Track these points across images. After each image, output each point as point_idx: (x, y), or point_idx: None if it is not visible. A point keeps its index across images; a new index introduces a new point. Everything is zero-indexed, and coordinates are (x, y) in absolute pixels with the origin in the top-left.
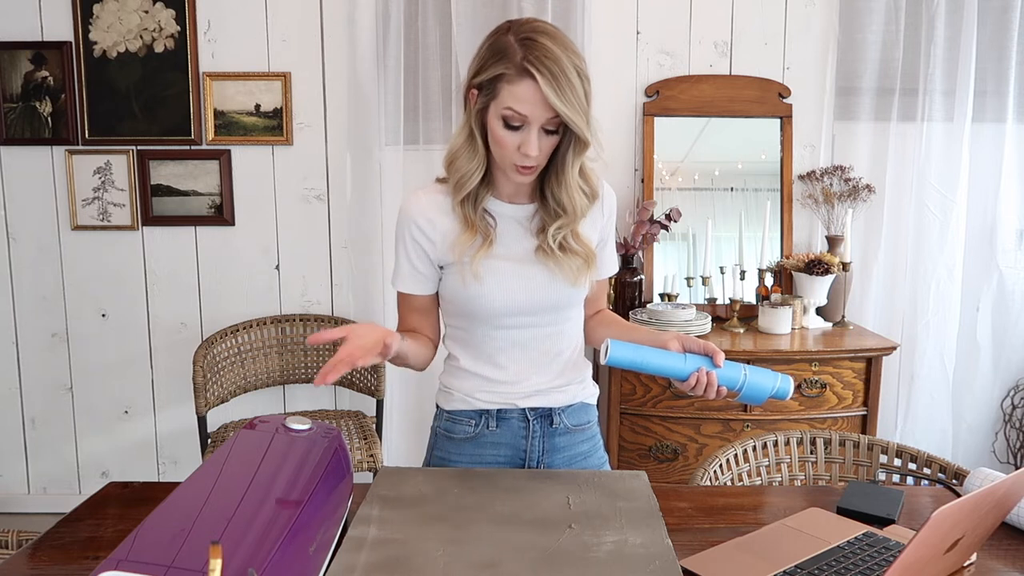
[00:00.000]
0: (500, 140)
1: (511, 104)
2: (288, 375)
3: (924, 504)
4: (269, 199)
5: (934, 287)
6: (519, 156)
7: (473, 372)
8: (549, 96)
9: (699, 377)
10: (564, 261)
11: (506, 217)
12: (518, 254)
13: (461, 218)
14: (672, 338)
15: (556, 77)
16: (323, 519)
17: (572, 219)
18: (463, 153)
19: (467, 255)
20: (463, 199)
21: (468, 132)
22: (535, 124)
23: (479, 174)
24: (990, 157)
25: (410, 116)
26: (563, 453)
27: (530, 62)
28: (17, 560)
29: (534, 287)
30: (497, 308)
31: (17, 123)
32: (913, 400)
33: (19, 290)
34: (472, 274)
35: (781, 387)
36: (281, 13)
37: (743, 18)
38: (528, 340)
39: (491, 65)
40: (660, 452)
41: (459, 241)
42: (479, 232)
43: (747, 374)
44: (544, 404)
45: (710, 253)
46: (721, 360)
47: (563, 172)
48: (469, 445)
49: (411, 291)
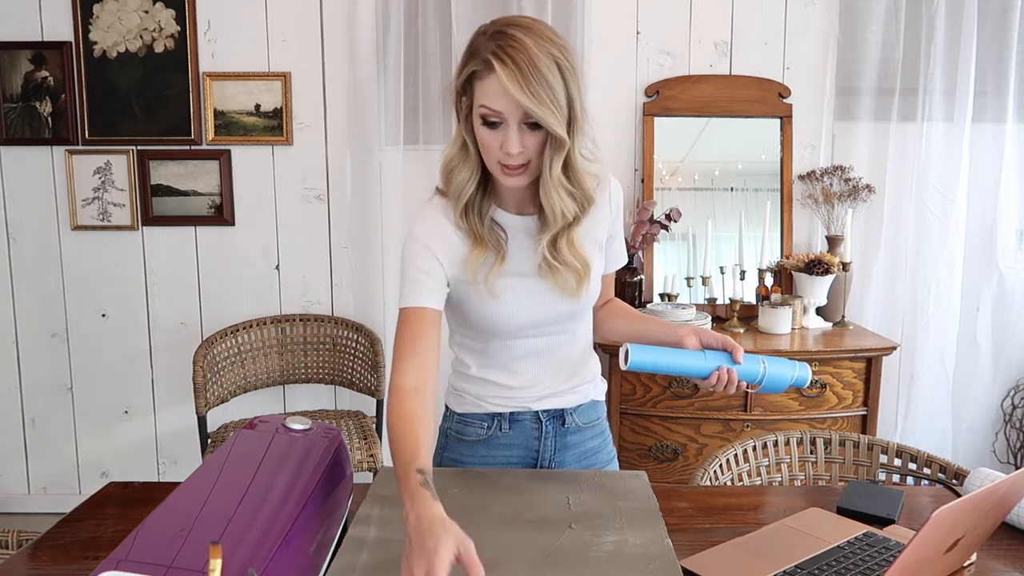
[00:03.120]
0: (482, 141)
1: (483, 101)
2: (288, 375)
3: (924, 504)
4: (269, 199)
5: (934, 287)
6: (503, 155)
7: (486, 379)
8: (509, 87)
9: (720, 376)
10: (559, 276)
11: (515, 229)
12: (532, 268)
13: (468, 232)
14: (689, 333)
15: (520, 67)
16: (323, 519)
17: (555, 225)
18: (457, 162)
19: (481, 273)
20: (466, 211)
21: (461, 141)
22: (512, 119)
23: (474, 182)
24: (990, 157)
25: (410, 116)
26: (574, 451)
27: (494, 53)
28: (17, 560)
29: (550, 300)
30: (516, 324)
31: (17, 123)
32: (913, 400)
33: (19, 290)
34: (488, 292)
35: (800, 375)
36: (281, 13)
37: (743, 18)
38: (543, 348)
39: (465, 65)
40: (660, 452)
41: (470, 258)
42: (490, 247)
43: (766, 367)
44: (557, 406)
45: (710, 253)
46: (741, 356)
47: (543, 172)
48: (481, 447)
49: (432, 305)
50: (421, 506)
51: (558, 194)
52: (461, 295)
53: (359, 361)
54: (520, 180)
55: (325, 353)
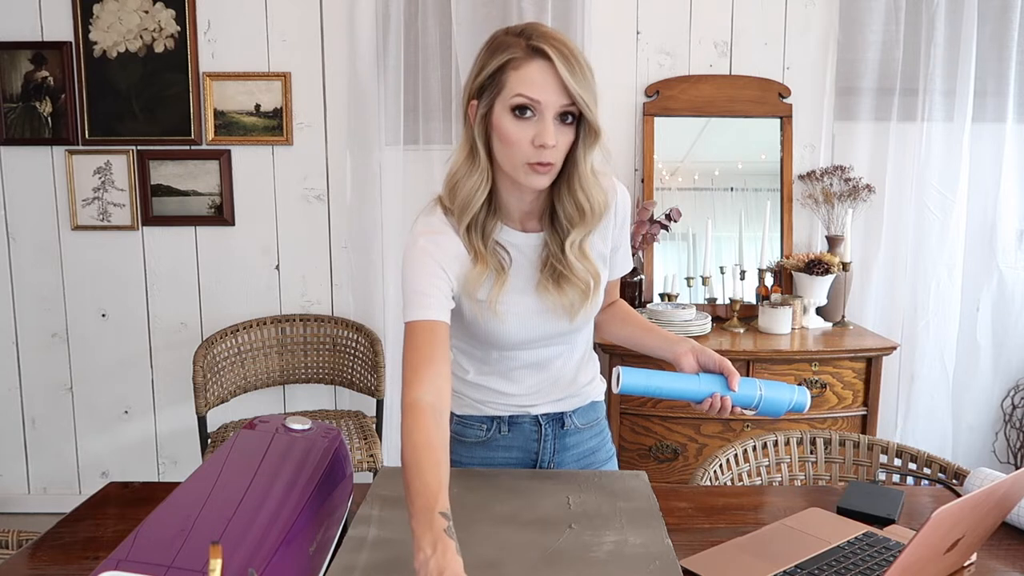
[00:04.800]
0: (510, 136)
1: (522, 90)
2: (288, 375)
3: (924, 504)
4: (269, 199)
5: (934, 287)
6: (533, 152)
7: (484, 386)
8: (564, 75)
9: (713, 403)
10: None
11: (521, 247)
12: (535, 286)
13: (470, 249)
14: (687, 352)
15: (566, 58)
16: (323, 519)
17: (590, 222)
18: (465, 172)
19: (483, 292)
20: (469, 226)
21: (469, 148)
22: (548, 111)
23: (484, 191)
24: (990, 157)
25: (410, 116)
26: (573, 451)
27: (539, 42)
28: (17, 560)
29: (552, 319)
30: (518, 340)
31: (17, 123)
32: (913, 400)
33: (19, 290)
34: (492, 312)
35: (798, 401)
36: (281, 13)
37: (743, 18)
38: (543, 359)
39: (493, 60)
40: (660, 452)
41: (471, 276)
42: (491, 266)
43: (763, 392)
44: (556, 410)
45: (710, 253)
46: (736, 384)
47: (576, 170)
48: (480, 448)
49: (442, 318)
50: (444, 557)
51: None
52: (463, 308)
53: (359, 361)
54: (545, 180)
55: (325, 353)
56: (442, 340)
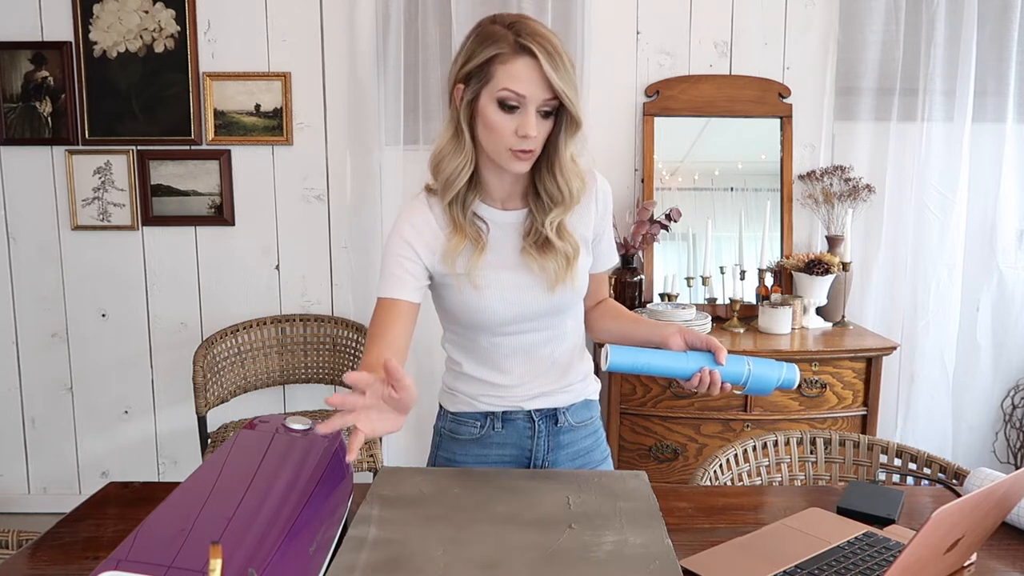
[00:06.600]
0: (495, 125)
1: (507, 84)
2: (288, 375)
3: (924, 504)
4: (269, 199)
5: (934, 287)
6: (516, 140)
7: (477, 378)
8: (549, 72)
9: (702, 377)
10: (545, 262)
11: (499, 224)
12: (516, 262)
13: (450, 221)
14: (674, 332)
15: (551, 55)
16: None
17: (568, 205)
18: (449, 151)
19: (460, 264)
20: (452, 201)
21: (454, 129)
22: (532, 104)
23: (467, 171)
24: (990, 157)
25: (410, 116)
26: (567, 450)
27: (526, 39)
28: (17, 560)
29: (533, 294)
30: (499, 318)
31: (17, 123)
32: (913, 400)
33: (19, 290)
34: (471, 285)
35: (787, 377)
36: (281, 13)
37: (743, 18)
38: (530, 345)
39: (481, 51)
40: (660, 452)
41: (449, 247)
42: (468, 237)
43: (751, 368)
44: (549, 405)
45: (710, 253)
46: (724, 357)
47: (557, 156)
48: (474, 446)
49: (406, 297)
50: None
51: (573, 177)
52: (446, 288)
53: (359, 361)
54: (525, 165)
55: (325, 353)
56: (399, 315)
